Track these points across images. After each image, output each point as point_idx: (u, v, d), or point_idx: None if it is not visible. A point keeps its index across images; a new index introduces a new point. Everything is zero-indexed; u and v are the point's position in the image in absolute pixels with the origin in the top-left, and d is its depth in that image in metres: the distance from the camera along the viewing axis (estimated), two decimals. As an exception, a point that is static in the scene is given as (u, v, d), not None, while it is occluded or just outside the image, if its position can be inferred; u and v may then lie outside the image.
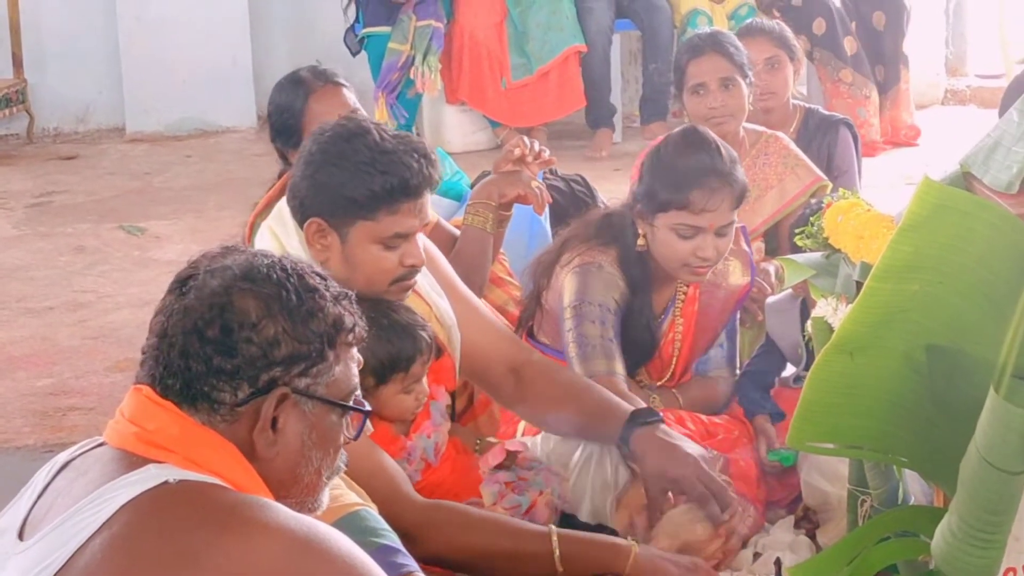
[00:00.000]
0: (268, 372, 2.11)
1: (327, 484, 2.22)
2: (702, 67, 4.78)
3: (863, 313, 2.16)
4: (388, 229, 3.22)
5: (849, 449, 2.45)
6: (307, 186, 3.25)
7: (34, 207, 7.58)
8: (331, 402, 2.16)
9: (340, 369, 2.18)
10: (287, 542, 1.99)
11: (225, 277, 2.13)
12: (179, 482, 2.03)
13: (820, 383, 2.24)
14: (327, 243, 3.25)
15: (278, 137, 4.30)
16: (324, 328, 2.15)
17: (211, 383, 2.10)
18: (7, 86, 8.73)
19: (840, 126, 5.25)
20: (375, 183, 3.18)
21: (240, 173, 8.13)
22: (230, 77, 9.10)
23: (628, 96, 8.86)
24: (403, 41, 7.90)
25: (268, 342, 2.10)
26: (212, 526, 1.98)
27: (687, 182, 3.77)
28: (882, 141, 8.09)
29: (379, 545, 2.68)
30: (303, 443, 2.15)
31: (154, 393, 2.12)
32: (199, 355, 2.10)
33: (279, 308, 2.12)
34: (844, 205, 2.67)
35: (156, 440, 2.08)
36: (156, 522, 2.00)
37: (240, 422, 2.11)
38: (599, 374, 3.74)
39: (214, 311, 2.10)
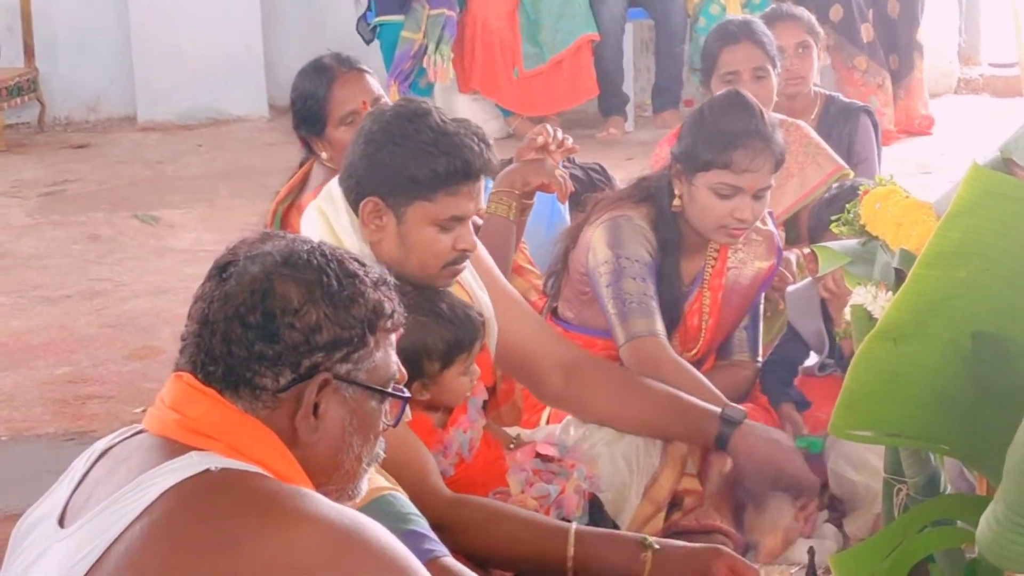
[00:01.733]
0: (310, 358, 2.10)
1: (367, 471, 2.22)
2: (736, 56, 4.77)
3: (908, 300, 2.14)
4: (446, 211, 3.22)
5: (891, 437, 2.43)
6: (367, 164, 3.24)
7: (47, 196, 7.57)
8: (372, 388, 2.16)
9: (380, 355, 2.18)
10: (328, 533, 1.98)
11: (266, 263, 2.13)
12: (221, 470, 2.02)
13: (863, 371, 2.22)
14: (382, 223, 3.24)
15: (302, 124, 4.28)
16: (365, 313, 2.15)
17: (253, 369, 2.09)
18: (18, 75, 8.71)
19: (860, 113, 5.24)
20: (438, 164, 3.19)
21: (252, 162, 8.13)
22: (242, 66, 9.08)
23: (640, 85, 8.85)
24: (416, 30, 7.90)
25: (310, 327, 2.10)
26: (254, 514, 1.98)
27: (731, 142, 3.80)
28: (896, 130, 8.07)
29: (407, 531, 2.66)
30: (344, 429, 2.15)
31: (196, 380, 2.12)
32: (241, 341, 2.09)
33: (320, 293, 2.12)
34: (882, 192, 2.64)
35: (198, 427, 2.08)
36: (197, 509, 1.99)
37: (282, 408, 2.11)
38: (640, 335, 3.75)
39: (256, 297, 2.10)
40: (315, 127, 4.23)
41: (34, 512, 2.19)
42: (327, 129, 4.22)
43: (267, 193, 5.17)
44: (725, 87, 4.71)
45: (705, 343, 4.07)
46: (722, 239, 3.92)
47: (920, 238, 2.47)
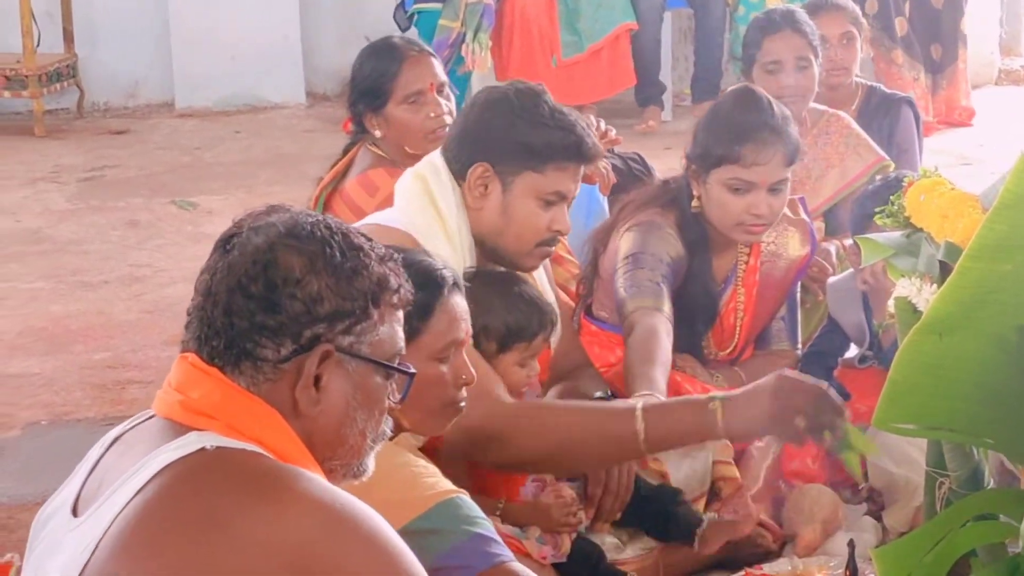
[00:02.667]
0: (311, 328, 2.08)
1: (372, 448, 2.19)
2: (778, 45, 4.74)
3: (954, 292, 2.13)
4: (552, 185, 3.30)
5: (934, 431, 2.42)
6: (482, 131, 3.32)
7: (86, 181, 7.60)
8: (375, 362, 2.13)
9: (385, 329, 2.15)
10: (319, 514, 1.97)
11: (269, 234, 2.11)
12: (216, 448, 2.01)
13: (907, 364, 2.21)
14: (487, 191, 3.32)
15: (362, 99, 4.28)
16: (368, 286, 2.12)
17: (254, 339, 2.07)
18: (58, 61, 8.74)
19: (902, 104, 5.21)
20: (554, 136, 3.29)
21: (290, 149, 8.15)
22: (280, 53, 9.09)
23: (678, 74, 8.83)
24: (454, 18, 7.89)
25: (312, 298, 2.08)
26: (245, 493, 1.97)
27: (738, 136, 3.79)
28: (935, 121, 8.03)
29: (473, 534, 2.65)
30: (347, 403, 2.12)
31: (199, 359, 2.09)
32: (243, 311, 2.07)
33: (323, 264, 2.09)
34: (926, 184, 2.64)
35: (199, 407, 2.07)
36: (189, 486, 1.99)
37: (284, 380, 2.08)
38: (646, 308, 3.71)
39: (258, 267, 2.08)
40: (376, 102, 4.24)
41: (52, 502, 2.18)
42: (388, 106, 4.23)
43: (304, 180, 5.19)
44: (767, 77, 4.70)
45: (741, 340, 4.06)
46: (742, 237, 3.89)
47: (965, 230, 2.47)
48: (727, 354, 4.06)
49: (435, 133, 4.24)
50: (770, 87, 4.65)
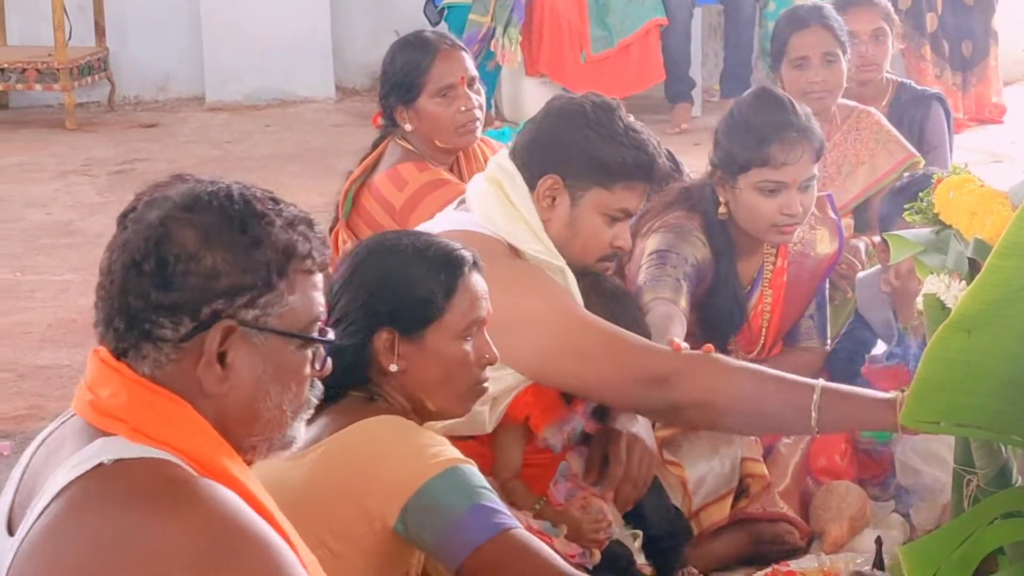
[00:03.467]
0: (210, 305, 1.98)
1: (294, 419, 2.10)
2: (806, 40, 4.73)
3: (983, 290, 2.13)
4: (618, 202, 3.29)
5: (962, 428, 2.42)
6: (555, 142, 3.31)
7: (117, 174, 7.63)
8: (284, 333, 2.03)
9: (295, 298, 2.04)
10: (204, 538, 1.89)
11: (164, 207, 2.01)
12: (114, 463, 1.93)
13: (936, 361, 2.21)
14: (555, 203, 3.30)
15: (394, 91, 4.28)
16: (272, 256, 2.01)
17: (151, 319, 1.98)
18: (89, 54, 8.78)
19: (932, 101, 5.19)
20: (628, 155, 3.27)
21: (319, 143, 8.16)
22: (309, 48, 9.12)
23: (708, 70, 8.81)
24: (484, 13, 7.90)
25: (207, 273, 1.98)
26: (134, 513, 1.89)
27: (765, 138, 3.77)
28: (966, 118, 8.00)
29: (473, 505, 2.58)
30: (258, 377, 2.03)
31: (109, 354, 2.01)
32: (138, 290, 1.98)
33: (219, 237, 1.99)
34: (956, 181, 2.63)
35: (107, 409, 1.99)
36: (81, 511, 1.91)
37: (187, 359, 1.99)
38: (663, 299, 3.70)
39: (150, 244, 1.98)
40: (408, 95, 4.25)
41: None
42: (420, 99, 4.24)
43: (333, 174, 5.19)
44: (795, 72, 4.69)
45: (768, 340, 4.05)
46: (775, 238, 3.88)
47: (995, 227, 2.46)
48: (754, 355, 4.06)
49: (465, 127, 4.24)
50: (798, 83, 4.65)
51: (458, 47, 4.37)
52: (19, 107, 9.12)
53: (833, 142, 4.52)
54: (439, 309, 2.78)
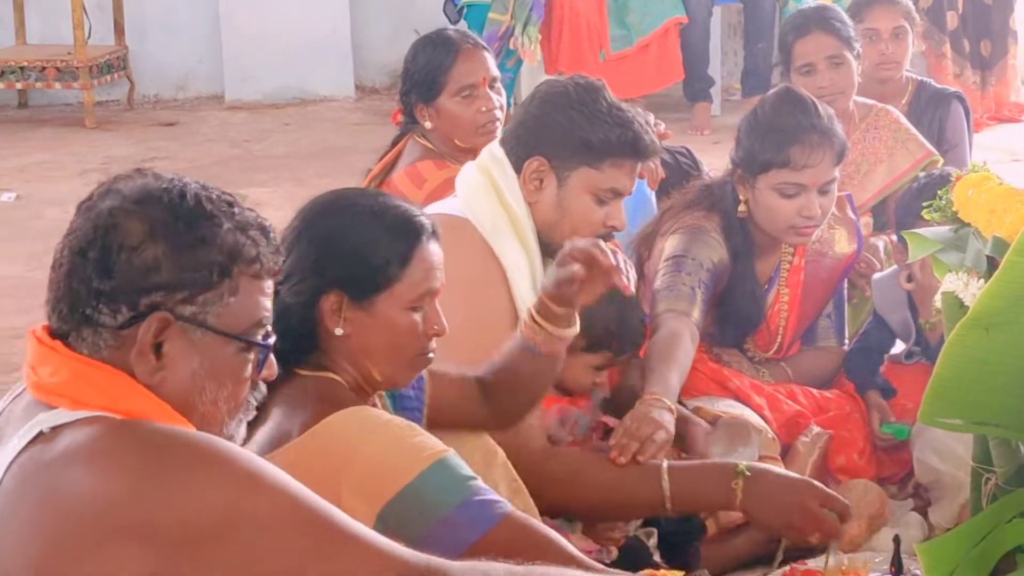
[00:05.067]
0: (148, 296, 2.04)
1: (230, 417, 2.14)
2: (808, 47, 4.72)
3: (1001, 287, 2.12)
4: (607, 181, 3.29)
5: (980, 426, 2.41)
6: (540, 125, 3.32)
7: (136, 173, 7.63)
8: (220, 332, 2.08)
9: (237, 300, 2.09)
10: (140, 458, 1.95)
11: (116, 199, 2.07)
12: (52, 429, 2.01)
13: (954, 358, 2.21)
14: (542, 185, 3.31)
15: (415, 89, 4.28)
16: (216, 257, 2.07)
17: (91, 304, 2.05)
18: (109, 53, 8.80)
19: (952, 99, 5.18)
20: (612, 133, 3.27)
21: (338, 142, 8.17)
22: (329, 46, 9.13)
23: (727, 69, 8.81)
24: (503, 11, 7.90)
25: (147, 266, 2.04)
26: (70, 465, 1.96)
27: (786, 140, 3.76)
28: (985, 117, 7.99)
29: (468, 497, 2.54)
30: (193, 371, 2.08)
31: (45, 333, 2.09)
32: (81, 276, 2.05)
33: (163, 232, 2.05)
34: (974, 178, 2.62)
35: (48, 386, 2.06)
36: (24, 479, 1.98)
37: (125, 347, 2.05)
38: (676, 311, 3.68)
39: (98, 232, 2.05)
40: (429, 94, 4.25)
41: None
42: (441, 98, 4.24)
43: (353, 173, 5.19)
44: (803, 79, 4.68)
45: (786, 340, 4.04)
46: (793, 239, 3.87)
47: (1014, 225, 2.45)
48: (771, 355, 4.05)
49: (486, 127, 4.24)
50: (807, 89, 4.60)
51: (480, 47, 4.37)
52: (39, 105, 9.15)
53: (852, 141, 4.51)
54: (392, 277, 2.68)
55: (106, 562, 1.91)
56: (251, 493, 1.98)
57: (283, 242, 2.65)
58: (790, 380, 4.00)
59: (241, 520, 1.96)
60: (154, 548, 1.92)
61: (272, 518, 1.98)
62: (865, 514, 3.60)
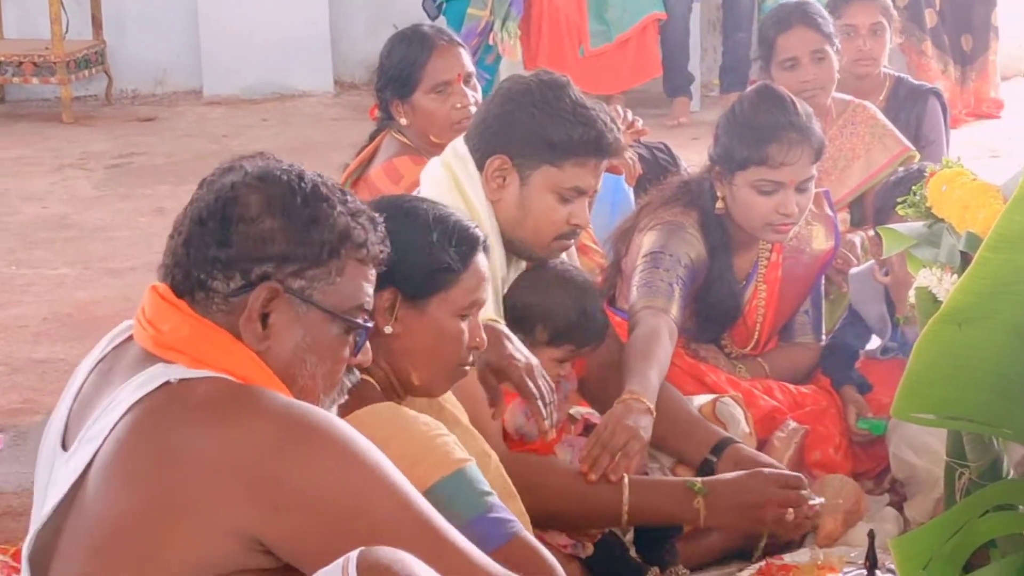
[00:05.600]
0: (260, 266, 2.16)
1: (326, 394, 2.24)
2: (791, 41, 4.73)
3: (973, 283, 2.12)
4: (570, 180, 3.28)
5: (953, 421, 2.41)
6: (502, 123, 3.31)
7: (114, 168, 7.62)
8: (323, 308, 2.19)
9: (342, 281, 2.21)
10: (275, 427, 2.05)
11: (239, 174, 2.21)
12: (180, 381, 2.09)
13: (926, 354, 2.20)
14: (505, 183, 3.31)
15: (390, 85, 4.28)
16: (328, 236, 2.18)
17: (207, 271, 2.16)
18: (86, 48, 8.77)
19: (929, 96, 5.20)
20: (574, 131, 3.26)
21: (317, 137, 8.16)
22: (308, 41, 9.11)
23: (706, 65, 8.81)
24: (482, 7, 7.90)
25: (262, 237, 2.16)
26: (204, 420, 2.06)
27: (764, 137, 3.77)
28: (964, 113, 8.00)
29: (486, 509, 2.61)
30: (296, 344, 2.19)
31: (169, 291, 2.18)
32: (199, 243, 2.17)
33: (281, 207, 2.17)
34: (948, 174, 2.62)
35: (169, 342, 2.14)
36: (154, 420, 2.07)
37: (234, 314, 2.17)
38: (654, 308, 3.68)
39: (219, 203, 2.17)
40: (404, 90, 4.24)
41: (48, 429, 2.27)
42: (415, 94, 4.23)
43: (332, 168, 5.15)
44: (785, 73, 4.69)
45: (763, 336, 4.05)
46: (770, 236, 3.88)
47: (986, 221, 2.46)
48: (748, 350, 4.06)
49: (460, 124, 4.23)
50: (790, 83, 4.63)
51: (456, 43, 4.36)
52: (16, 100, 9.11)
53: (829, 136, 4.51)
54: (449, 281, 2.78)
55: (213, 515, 2.01)
56: (374, 486, 2.08)
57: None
58: (767, 376, 4.01)
59: (361, 511, 2.06)
60: (266, 512, 2.02)
61: (388, 514, 2.08)
62: (841, 509, 3.61)
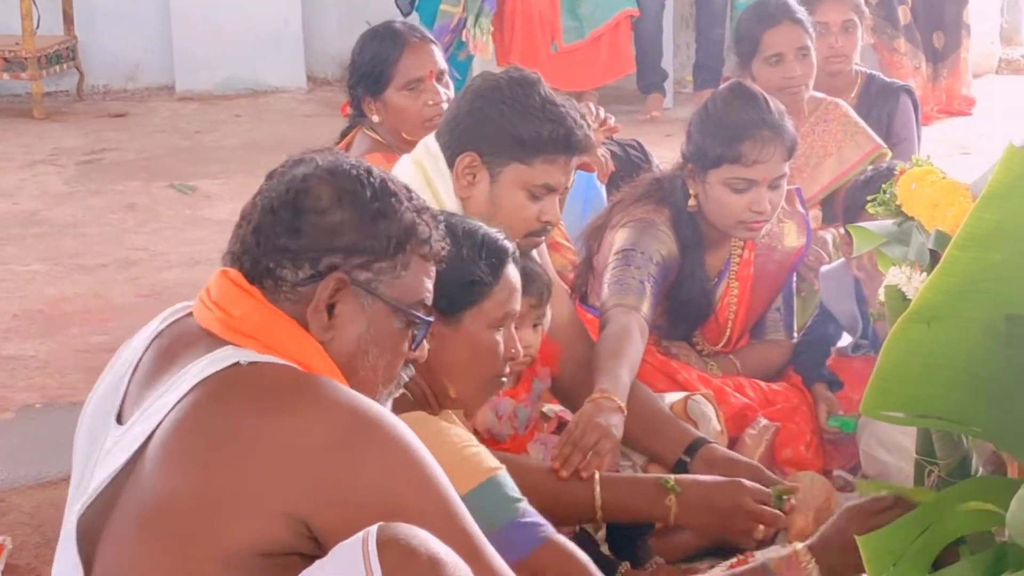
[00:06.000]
0: (329, 257, 2.21)
1: (384, 387, 2.29)
2: (779, 37, 4.73)
3: (942, 281, 2.13)
4: (540, 178, 3.28)
5: (923, 419, 2.42)
6: (472, 120, 3.31)
7: (85, 164, 7.59)
8: (389, 302, 2.24)
9: (407, 276, 2.26)
10: (338, 421, 2.09)
11: (309, 167, 2.26)
12: (250, 364, 2.14)
13: (896, 352, 2.21)
14: (475, 180, 3.31)
15: (362, 82, 4.27)
16: (394, 230, 2.24)
17: (276, 259, 2.21)
18: (58, 43, 8.73)
19: (901, 93, 5.22)
20: (544, 128, 3.26)
21: (290, 133, 8.14)
22: (280, 37, 9.09)
23: (679, 62, 8.82)
24: (455, 3, 7.88)
25: (332, 228, 2.21)
26: (272, 405, 2.10)
27: (738, 135, 3.77)
28: (936, 110, 8.02)
29: (518, 515, 2.67)
30: (359, 335, 2.24)
31: (241, 277, 2.23)
32: (269, 232, 2.22)
33: (351, 200, 2.23)
34: (918, 172, 2.63)
35: (239, 327, 2.19)
36: (222, 399, 2.11)
37: (302, 302, 2.21)
38: (625, 306, 3.69)
39: (290, 194, 2.23)
40: (376, 87, 4.24)
41: (91, 400, 2.32)
42: (387, 91, 4.23)
43: (304, 164, 5.17)
44: (769, 69, 4.69)
45: (735, 333, 4.05)
46: (743, 234, 3.89)
47: (956, 219, 2.46)
48: (720, 348, 4.06)
49: (432, 121, 4.23)
50: (773, 79, 4.65)
51: (428, 40, 4.35)
52: (-13, 96, 9.08)
53: (801, 134, 4.52)
54: (481, 295, 2.82)
55: (272, 499, 2.05)
56: (425, 491, 2.13)
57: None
58: (738, 373, 4.02)
59: (408, 513, 2.10)
60: (321, 502, 2.05)
61: (433, 520, 2.11)
62: (812, 506, 3.60)
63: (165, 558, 2.07)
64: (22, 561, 3.60)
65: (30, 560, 3.61)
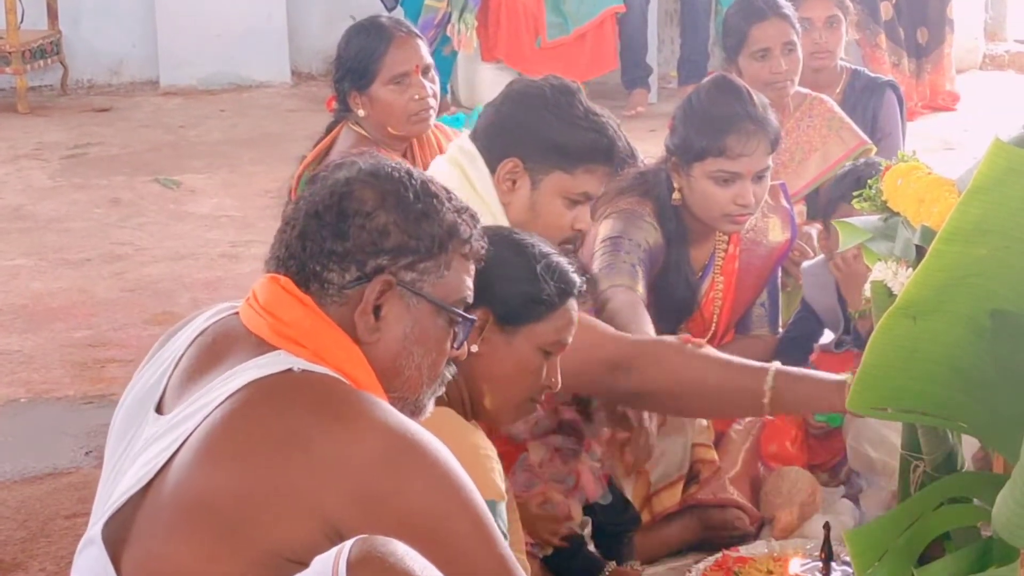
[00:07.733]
0: (376, 259, 2.24)
1: (428, 386, 2.33)
2: (767, 32, 4.73)
3: (928, 276, 2.13)
4: (579, 186, 3.29)
5: (908, 414, 2.42)
6: (516, 126, 3.32)
7: (69, 159, 7.58)
8: (432, 300, 2.27)
9: (451, 275, 2.30)
10: (386, 440, 2.10)
11: (352, 171, 2.30)
12: (302, 371, 2.16)
13: (881, 347, 2.21)
14: (516, 186, 3.32)
15: (348, 76, 4.26)
16: (437, 230, 2.27)
17: (322, 263, 2.24)
18: (42, 37, 8.72)
19: (885, 88, 5.21)
20: (587, 138, 3.27)
21: (274, 128, 8.14)
22: (265, 32, 9.08)
23: (664, 57, 8.82)
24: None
25: (378, 231, 2.24)
26: (325, 414, 2.11)
27: (722, 128, 3.77)
28: (920, 106, 8.04)
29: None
30: (405, 335, 2.27)
31: (293, 284, 2.24)
32: (315, 236, 2.25)
33: (395, 202, 2.26)
34: (903, 168, 2.63)
35: (289, 333, 2.21)
36: (274, 402, 2.13)
37: (348, 305, 2.24)
38: (621, 286, 3.68)
39: (334, 198, 2.26)
40: (362, 82, 4.23)
41: (131, 392, 2.31)
42: (373, 86, 4.22)
43: (288, 159, 5.17)
44: (756, 64, 4.69)
45: (720, 328, 4.05)
46: (727, 227, 3.88)
47: (941, 214, 2.46)
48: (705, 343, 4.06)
49: (418, 115, 4.23)
50: (760, 73, 4.65)
51: (414, 35, 4.35)
52: (-29, 91, 9.05)
53: (786, 129, 4.53)
54: (541, 314, 2.85)
55: (313, 505, 2.06)
56: (463, 517, 2.14)
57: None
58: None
59: (444, 538, 2.11)
60: (359, 516, 2.06)
61: (468, 546, 2.14)
62: (797, 501, 3.62)
63: (199, 550, 2.08)
64: (7, 556, 3.60)
65: (16, 555, 3.60)
